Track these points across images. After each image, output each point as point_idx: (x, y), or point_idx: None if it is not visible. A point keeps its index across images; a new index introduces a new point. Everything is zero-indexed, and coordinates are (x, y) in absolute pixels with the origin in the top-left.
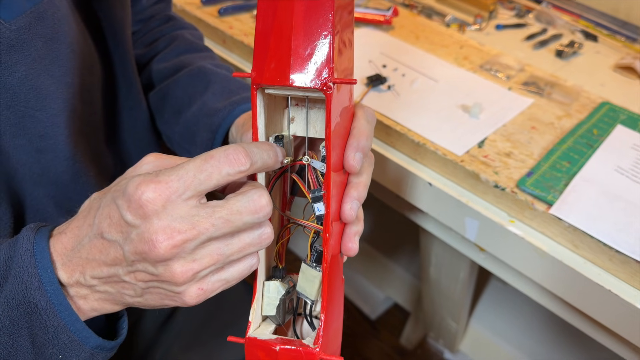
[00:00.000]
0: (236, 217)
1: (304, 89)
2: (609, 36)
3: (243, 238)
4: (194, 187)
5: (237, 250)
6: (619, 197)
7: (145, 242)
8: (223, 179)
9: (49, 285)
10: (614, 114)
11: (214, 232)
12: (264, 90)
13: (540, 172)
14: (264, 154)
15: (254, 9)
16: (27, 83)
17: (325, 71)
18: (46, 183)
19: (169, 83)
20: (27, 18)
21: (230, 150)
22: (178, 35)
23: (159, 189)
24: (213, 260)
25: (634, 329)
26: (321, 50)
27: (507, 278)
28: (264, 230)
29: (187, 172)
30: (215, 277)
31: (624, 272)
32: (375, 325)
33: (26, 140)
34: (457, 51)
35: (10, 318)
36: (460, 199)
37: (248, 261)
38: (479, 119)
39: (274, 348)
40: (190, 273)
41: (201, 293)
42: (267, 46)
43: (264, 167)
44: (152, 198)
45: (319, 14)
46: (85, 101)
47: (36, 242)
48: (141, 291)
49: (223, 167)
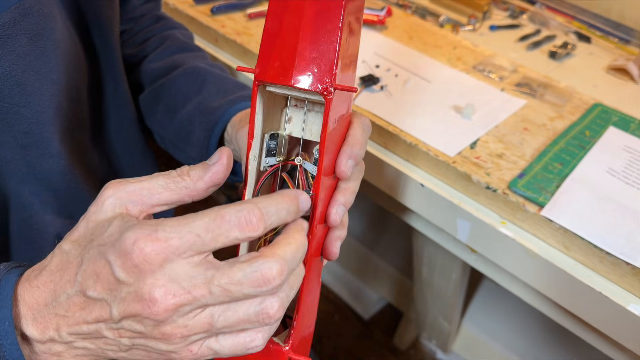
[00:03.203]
0: (236, 288)
1: (305, 91)
2: (602, 37)
3: (238, 311)
4: (196, 248)
5: (230, 324)
6: (610, 199)
7: (138, 302)
8: (230, 242)
9: (5, 339)
10: (606, 115)
11: (209, 299)
12: (265, 87)
13: (532, 174)
14: (282, 213)
15: (247, 8)
16: (12, 79)
17: (327, 76)
18: (32, 180)
19: (162, 83)
20: (11, 14)
21: (244, 213)
22: (169, 35)
23: (158, 247)
24: (204, 329)
25: (623, 331)
26: (326, 55)
27: (498, 279)
28: (265, 305)
29: (190, 231)
30: (206, 344)
31: (615, 273)
32: (368, 325)
33: (11, 136)
34: (451, 52)
35: None
36: (452, 200)
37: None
38: (472, 120)
39: None
40: (179, 336)
41: (190, 355)
42: (273, 45)
43: (281, 223)
44: (150, 257)
45: (328, 20)
46: (71, 98)
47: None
48: (126, 347)
49: (232, 231)
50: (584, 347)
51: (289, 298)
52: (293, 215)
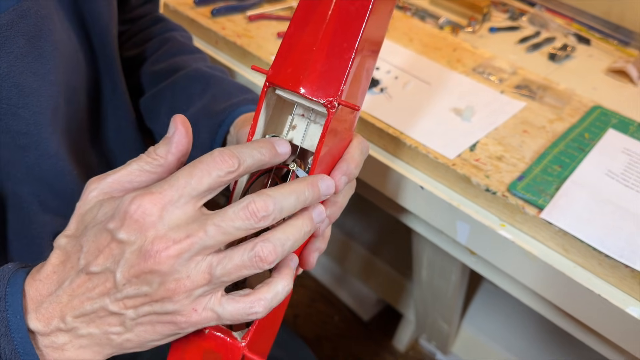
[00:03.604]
0: (228, 224)
1: (310, 101)
2: (602, 40)
3: (234, 256)
4: (188, 193)
5: (227, 272)
6: (609, 201)
7: (142, 257)
8: (214, 181)
9: (16, 332)
10: (605, 117)
11: (206, 240)
12: (275, 90)
13: (531, 176)
14: (254, 152)
15: (247, 10)
16: (10, 80)
17: (334, 90)
18: (30, 181)
19: (165, 85)
20: (9, 15)
21: (216, 153)
22: (170, 38)
23: (155, 199)
24: (205, 279)
25: (622, 333)
26: (337, 70)
27: (498, 281)
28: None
29: (177, 180)
30: (209, 305)
31: (614, 276)
32: (367, 326)
33: (9, 137)
34: (450, 54)
35: None
36: (451, 203)
37: (244, 305)
38: (471, 122)
39: (203, 330)
40: (183, 290)
41: (195, 315)
42: (290, 51)
43: (259, 163)
44: (149, 209)
45: (346, 38)
46: (69, 99)
47: (10, 284)
48: (131, 323)
49: (212, 170)
50: (582, 349)
51: (283, 247)
52: (269, 155)
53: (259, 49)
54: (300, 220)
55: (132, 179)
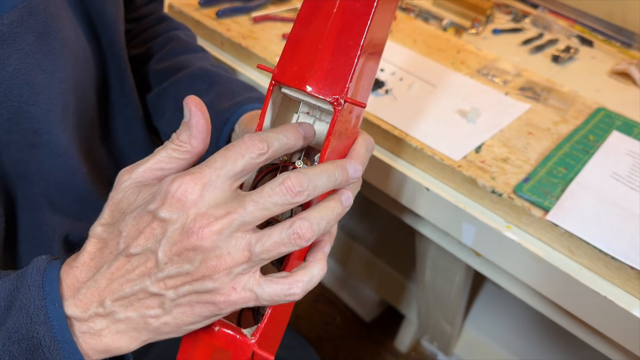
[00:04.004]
0: (265, 200)
1: (316, 98)
2: (605, 41)
3: (273, 234)
4: (224, 174)
5: (266, 250)
6: (614, 203)
7: (185, 233)
8: (247, 162)
9: (55, 320)
10: (609, 120)
11: (246, 215)
12: (280, 88)
13: (537, 178)
14: (281, 136)
15: (252, 12)
16: (20, 77)
17: (340, 88)
18: (39, 180)
19: (170, 83)
20: (19, 12)
21: (246, 138)
22: (174, 36)
23: (195, 179)
24: (245, 257)
25: (629, 336)
26: (343, 68)
27: (502, 283)
28: (294, 227)
29: (214, 162)
30: (249, 285)
31: (620, 278)
32: (369, 327)
33: (19, 135)
34: (455, 55)
35: (10, 354)
36: (457, 204)
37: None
38: (476, 124)
39: (214, 327)
40: (224, 267)
41: (234, 294)
42: (296, 50)
43: (285, 147)
44: (191, 188)
45: (351, 36)
46: (78, 97)
47: (46, 273)
48: (170, 304)
49: (244, 152)
50: (585, 349)
51: (319, 225)
52: (294, 139)
53: (264, 50)
54: (332, 202)
55: (162, 166)
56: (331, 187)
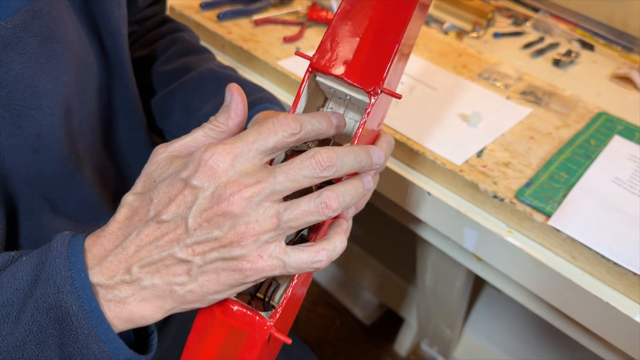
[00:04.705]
0: (295, 172)
1: (352, 87)
2: (606, 45)
3: (301, 203)
4: (256, 148)
5: (294, 218)
6: (616, 208)
7: (215, 199)
8: (279, 140)
9: (81, 289)
10: (611, 124)
11: (276, 185)
12: (315, 77)
13: (538, 183)
14: (314, 120)
15: (253, 14)
16: (23, 81)
17: (378, 78)
18: (42, 184)
19: (179, 84)
20: (22, 16)
21: (280, 117)
22: (179, 38)
23: (227, 149)
24: (273, 224)
25: (631, 341)
26: (382, 59)
27: (503, 287)
28: (323, 197)
29: (247, 135)
30: (275, 253)
31: (622, 284)
32: (369, 331)
33: (22, 139)
34: (456, 59)
35: (39, 324)
36: (459, 209)
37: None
38: (478, 128)
39: (232, 307)
40: (252, 234)
41: (260, 261)
42: (335, 39)
43: (317, 131)
44: (223, 157)
45: (391, 30)
46: (81, 101)
47: (71, 246)
48: (196, 271)
49: (277, 129)
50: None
51: (344, 199)
52: (325, 126)
53: (265, 53)
54: (356, 181)
55: (197, 144)
56: (356, 168)
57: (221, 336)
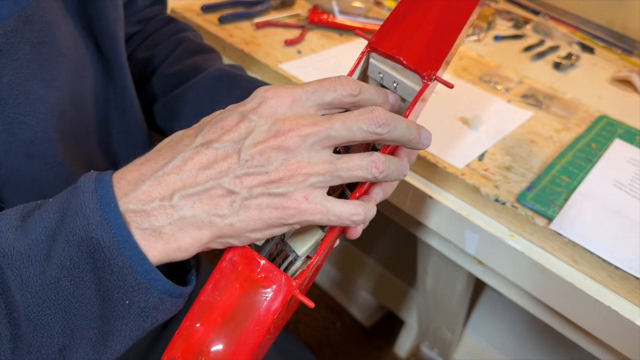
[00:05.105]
0: (352, 122)
1: (407, 70)
2: (606, 48)
3: (354, 157)
4: (314, 99)
5: (346, 167)
6: (618, 212)
7: (272, 132)
8: (337, 97)
9: (112, 220)
10: (611, 127)
11: (332, 130)
12: (369, 58)
13: (540, 187)
14: (372, 91)
15: (255, 17)
16: (16, 88)
17: (433, 65)
18: (37, 190)
19: (188, 86)
20: (14, 22)
21: (342, 76)
22: (184, 38)
23: (289, 92)
24: (324, 169)
25: (632, 345)
26: (440, 48)
27: (505, 291)
28: (374, 158)
29: (309, 85)
30: (319, 198)
31: (623, 288)
32: (369, 333)
33: (15, 146)
34: (457, 62)
35: (71, 260)
36: (460, 213)
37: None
38: (479, 132)
39: (259, 260)
40: (303, 173)
41: (305, 203)
42: (397, 24)
43: (373, 101)
44: (284, 99)
45: (453, 21)
46: (76, 105)
47: (98, 180)
48: (239, 204)
49: (337, 86)
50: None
51: (389, 168)
52: (381, 99)
53: (266, 56)
54: (398, 158)
55: None
56: (406, 138)
57: (240, 291)
